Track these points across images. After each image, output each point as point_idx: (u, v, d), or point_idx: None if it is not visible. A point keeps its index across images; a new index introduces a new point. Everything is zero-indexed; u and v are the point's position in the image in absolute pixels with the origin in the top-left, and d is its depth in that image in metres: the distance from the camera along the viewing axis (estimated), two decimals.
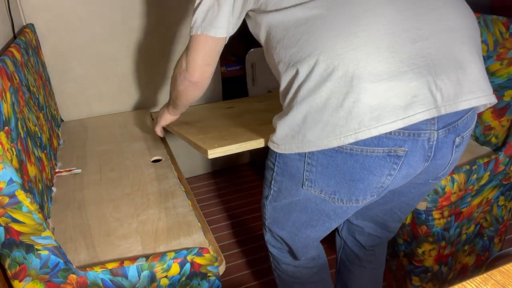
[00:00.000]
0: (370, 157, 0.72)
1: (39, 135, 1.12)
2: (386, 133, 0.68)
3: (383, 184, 0.76)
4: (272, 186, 0.90)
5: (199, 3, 0.83)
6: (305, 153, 0.77)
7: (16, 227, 0.71)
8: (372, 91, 0.66)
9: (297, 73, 0.72)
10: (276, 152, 0.83)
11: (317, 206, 0.84)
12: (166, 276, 0.85)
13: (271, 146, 0.83)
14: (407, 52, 0.67)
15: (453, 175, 1.10)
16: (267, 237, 1.03)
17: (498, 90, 1.24)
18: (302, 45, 0.71)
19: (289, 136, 0.77)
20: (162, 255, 0.85)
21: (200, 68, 0.89)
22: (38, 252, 0.75)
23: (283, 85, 0.78)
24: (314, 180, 0.79)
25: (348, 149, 0.71)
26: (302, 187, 0.82)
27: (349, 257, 1.15)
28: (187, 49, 0.89)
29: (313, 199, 0.83)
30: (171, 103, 1.11)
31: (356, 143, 0.70)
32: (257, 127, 1.15)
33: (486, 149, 1.28)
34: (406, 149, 0.71)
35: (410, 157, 0.72)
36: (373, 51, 0.67)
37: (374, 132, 0.67)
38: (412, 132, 0.69)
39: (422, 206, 1.11)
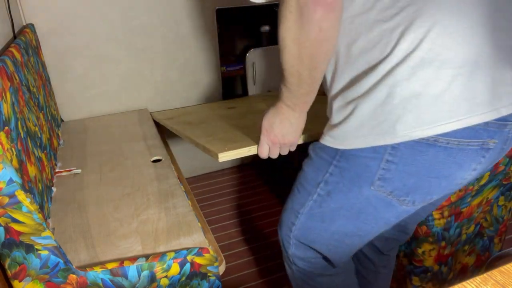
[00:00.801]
0: (464, 150, 0.66)
1: (39, 135, 1.12)
2: (485, 123, 0.65)
3: (464, 180, 0.71)
4: (318, 189, 0.79)
5: None
6: (386, 148, 0.68)
7: (16, 227, 0.71)
8: (481, 76, 0.62)
9: (391, 52, 0.64)
10: (338, 150, 0.74)
11: (375, 211, 0.76)
12: (166, 276, 0.85)
13: (329, 142, 0.74)
14: (503, 39, 0.64)
15: None
16: (292, 250, 0.90)
17: None
18: (404, 19, 0.62)
19: (367, 126, 0.67)
20: (162, 255, 0.85)
21: None
22: (38, 252, 0.75)
23: (361, 66, 0.67)
24: (389, 179, 0.71)
25: (444, 142, 0.65)
26: (371, 187, 0.73)
27: (362, 263, 1.11)
28: None
29: (374, 203, 0.75)
30: (297, 90, 0.74)
31: (454, 134, 0.64)
32: None
33: None
34: (496, 141, 0.67)
35: (494, 150, 0.69)
36: (480, 34, 0.62)
37: (480, 119, 0.62)
38: (502, 123, 0.66)
39: None
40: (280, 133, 0.82)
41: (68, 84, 1.64)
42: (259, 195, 1.94)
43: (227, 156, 1.01)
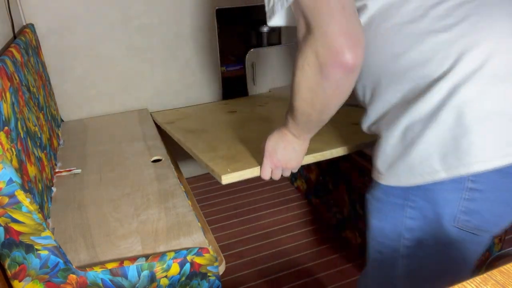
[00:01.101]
0: None
1: (39, 135, 1.12)
2: None
3: None
4: (404, 240, 0.66)
5: None
6: (467, 175, 0.58)
7: (16, 227, 0.71)
8: None
9: (452, 68, 0.56)
10: (407, 188, 0.63)
11: (463, 246, 0.65)
12: (166, 276, 0.85)
13: (392, 181, 0.64)
14: None
15: None
16: None
17: None
18: (465, 30, 0.55)
19: (437, 156, 0.58)
20: (162, 255, 0.85)
21: (351, 34, 0.56)
22: (38, 252, 0.75)
23: (413, 82, 0.60)
24: (475, 211, 0.60)
25: None
26: (453, 224, 0.62)
27: None
28: (307, 24, 0.58)
29: (461, 241, 0.64)
30: (304, 125, 0.73)
31: None
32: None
33: None
34: None
35: None
36: None
37: None
38: None
39: None
40: (284, 158, 0.82)
41: (68, 84, 1.64)
42: (259, 194, 1.94)
43: (230, 178, 1.00)
